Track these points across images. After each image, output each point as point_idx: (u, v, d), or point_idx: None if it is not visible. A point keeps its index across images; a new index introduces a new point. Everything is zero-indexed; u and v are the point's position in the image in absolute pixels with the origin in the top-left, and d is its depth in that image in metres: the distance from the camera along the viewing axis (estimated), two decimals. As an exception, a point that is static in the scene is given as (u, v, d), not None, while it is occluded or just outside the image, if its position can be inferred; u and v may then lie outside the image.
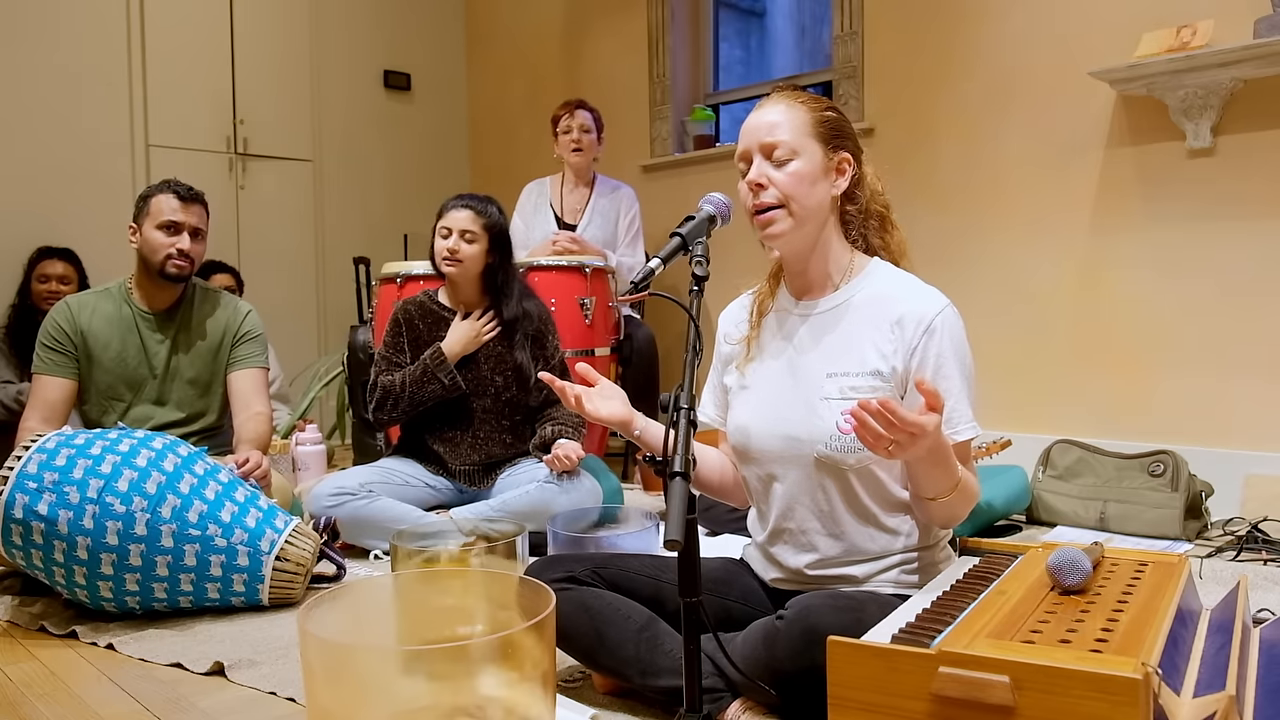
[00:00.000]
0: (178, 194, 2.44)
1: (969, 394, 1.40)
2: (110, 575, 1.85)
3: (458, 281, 2.55)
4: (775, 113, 1.43)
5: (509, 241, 2.58)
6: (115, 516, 1.84)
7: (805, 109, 1.43)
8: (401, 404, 2.50)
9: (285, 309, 4.51)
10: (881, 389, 1.39)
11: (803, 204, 1.41)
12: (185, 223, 2.41)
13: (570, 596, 1.40)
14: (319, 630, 1.09)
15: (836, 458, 1.39)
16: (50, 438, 1.93)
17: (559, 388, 1.44)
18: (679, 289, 4.00)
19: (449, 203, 2.55)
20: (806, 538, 1.45)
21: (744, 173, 1.44)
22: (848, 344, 1.43)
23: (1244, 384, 2.76)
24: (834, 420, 1.39)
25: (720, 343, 1.62)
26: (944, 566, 1.46)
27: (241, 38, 4.42)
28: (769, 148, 1.41)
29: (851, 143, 1.46)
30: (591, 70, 4.59)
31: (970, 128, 3.28)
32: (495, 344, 2.56)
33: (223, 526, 1.94)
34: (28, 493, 1.83)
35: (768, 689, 1.25)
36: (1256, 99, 2.70)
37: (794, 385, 1.45)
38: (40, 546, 1.83)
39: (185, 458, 2.00)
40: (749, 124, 1.45)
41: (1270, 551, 2.28)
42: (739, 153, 1.45)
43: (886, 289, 1.44)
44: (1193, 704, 1.05)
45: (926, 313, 1.39)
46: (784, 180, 1.40)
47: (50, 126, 3.90)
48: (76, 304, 2.45)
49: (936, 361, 1.38)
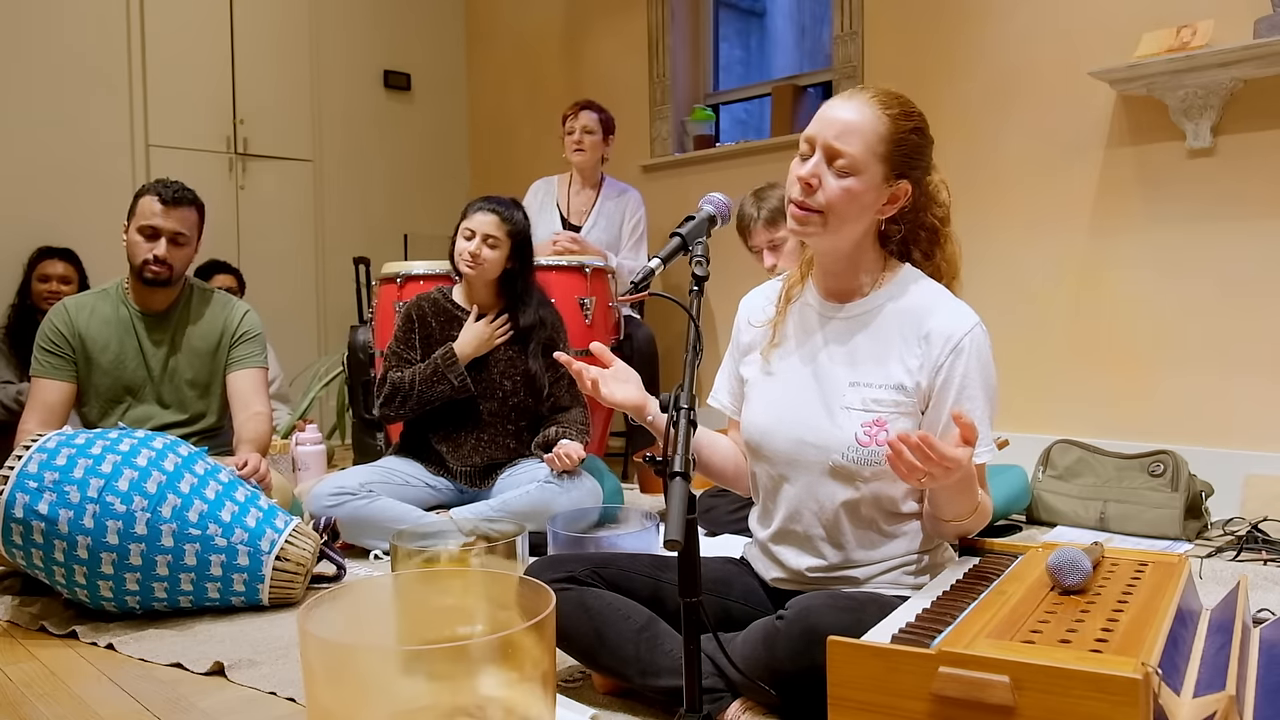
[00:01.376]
0: (160, 196, 2.39)
1: (990, 416, 1.38)
2: (110, 575, 1.85)
3: (475, 283, 2.54)
4: (856, 113, 1.36)
5: (530, 248, 2.56)
6: (115, 516, 1.84)
7: (888, 122, 1.36)
8: (410, 401, 2.50)
9: (285, 309, 4.51)
10: (904, 404, 1.38)
11: (843, 219, 1.37)
12: (163, 228, 2.37)
13: (570, 596, 1.40)
14: (319, 630, 1.09)
15: (852, 469, 1.38)
16: (50, 437, 1.93)
17: (576, 370, 1.43)
18: (679, 289, 4.00)
19: (474, 204, 2.53)
20: (811, 544, 1.45)
21: (804, 155, 1.39)
22: (873, 354, 1.41)
23: (1244, 384, 2.76)
24: (853, 431, 1.37)
25: (741, 328, 1.58)
26: (945, 567, 1.46)
27: (241, 38, 4.42)
28: (833, 153, 1.34)
29: (920, 169, 1.41)
30: (592, 70, 4.59)
31: (970, 128, 3.28)
32: (507, 348, 2.56)
33: (223, 526, 1.94)
34: (28, 492, 1.83)
35: (768, 689, 1.25)
36: (1256, 99, 2.70)
37: (816, 389, 1.43)
38: (40, 546, 1.83)
39: (185, 457, 2.00)
40: (827, 110, 1.38)
41: (1270, 551, 2.28)
42: (806, 134, 1.39)
43: (917, 300, 1.41)
44: (1193, 704, 1.05)
45: (955, 331, 1.37)
46: (835, 192, 1.35)
47: (50, 126, 3.90)
48: (74, 306, 2.43)
49: (962, 382, 1.36)
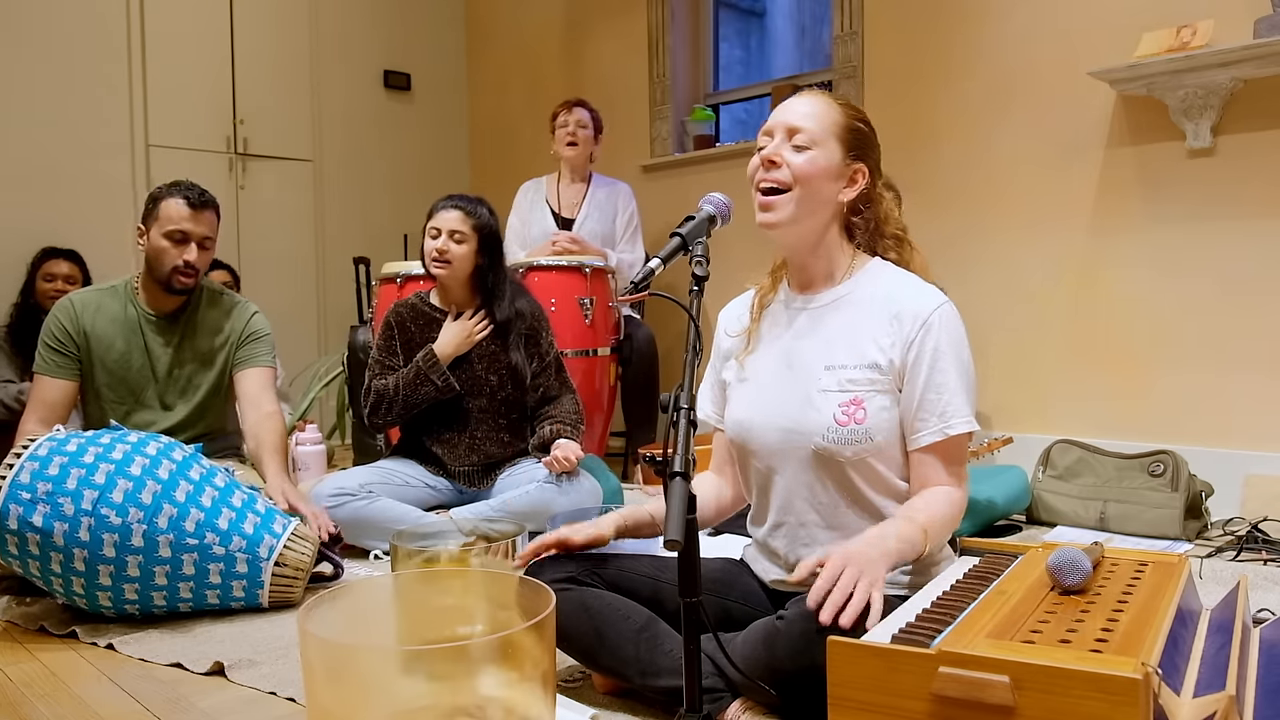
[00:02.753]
0: (188, 200, 2.33)
1: (966, 389, 1.40)
2: (108, 585, 1.83)
3: (447, 283, 2.53)
4: (810, 104, 1.45)
5: (499, 242, 2.57)
6: (111, 529, 1.81)
7: (840, 111, 1.46)
8: (396, 407, 2.49)
9: (285, 309, 4.51)
10: (879, 381, 1.40)
11: (809, 192, 1.41)
12: (194, 232, 2.33)
13: (570, 597, 1.40)
14: (319, 630, 1.09)
15: (833, 449, 1.39)
16: (42, 443, 1.89)
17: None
18: (679, 289, 4.00)
19: (438, 203, 2.54)
20: (806, 531, 1.45)
21: (762, 147, 1.45)
22: (846, 337, 1.44)
23: (1244, 383, 2.76)
24: (831, 412, 1.40)
25: (720, 338, 1.62)
26: (944, 567, 1.46)
27: (241, 38, 4.42)
28: (793, 130, 1.43)
29: (872, 159, 1.48)
30: (592, 70, 4.59)
31: (970, 128, 3.28)
32: (489, 343, 2.55)
33: (220, 535, 1.92)
34: (22, 504, 1.80)
35: (768, 689, 1.25)
36: (1256, 99, 2.70)
37: (791, 378, 1.46)
38: (37, 557, 1.81)
39: (180, 463, 1.96)
40: (781, 106, 1.47)
41: (1270, 551, 2.28)
42: (762, 130, 1.47)
43: (887, 285, 1.45)
44: (1193, 704, 1.05)
45: (924, 308, 1.40)
46: (799, 162, 1.41)
47: (50, 127, 3.89)
48: (80, 303, 2.38)
49: (933, 356, 1.38)
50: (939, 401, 1.38)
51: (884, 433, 1.40)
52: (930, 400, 1.38)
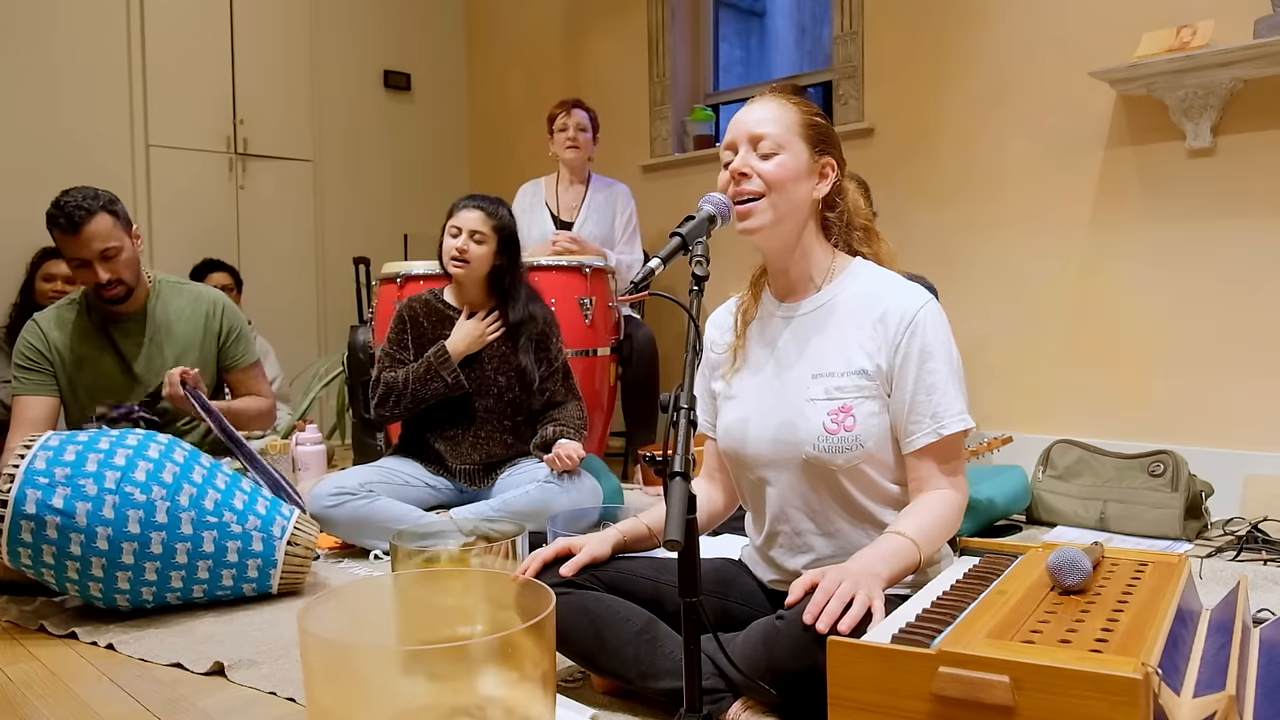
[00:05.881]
0: (63, 228, 2.21)
1: (957, 387, 1.40)
2: (130, 564, 1.85)
3: (464, 282, 2.55)
4: (766, 110, 1.44)
5: (518, 244, 2.58)
6: (136, 505, 1.85)
7: (796, 110, 1.45)
8: (404, 401, 2.50)
9: (285, 309, 4.51)
10: (867, 387, 1.40)
11: (784, 196, 1.42)
12: (88, 253, 2.26)
13: (569, 600, 1.40)
14: (319, 630, 1.09)
15: (824, 458, 1.39)
16: (51, 436, 1.93)
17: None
18: (679, 289, 4.00)
19: (459, 202, 2.55)
20: (801, 539, 1.46)
21: (727, 164, 1.45)
22: (832, 344, 1.44)
23: (1244, 383, 2.76)
24: (820, 421, 1.40)
25: (707, 349, 1.62)
26: (943, 566, 1.46)
27: (241, 38, 4.42)
28: (756, 139, 1.42)
29: (836, 152, 1.48)
30: (591, 70, 4.59)
31: (970, 127, 3.28)
32: (499, 344, 2.56)
33: (237, 513, 1.99)
34: (39, 488, 1.82)
35: (768, 689, 1.25)
36: (1256, 99, 2.70)
37: (780, 389, 1.46)
38: (54, 541, 1.82)
39: (191, 451, 2.05)
40: (737, 118, 1.46)
41: (1270, 551, 2.28)
42: (725, 144, 1.47)
43: (869, 287, 1.45)
44: (1193, 704, 1.05)
45: (909, 309, 1.40)
46: (768, 169, 1.41)
47: (50, 126, 3.89)
48: (45, 320, 2.42)
49: (920, 356, 1.39)
50: (930, 402, 1.38)
51: (874, 439, 1.39)
52: (921, 402, 1.38)
